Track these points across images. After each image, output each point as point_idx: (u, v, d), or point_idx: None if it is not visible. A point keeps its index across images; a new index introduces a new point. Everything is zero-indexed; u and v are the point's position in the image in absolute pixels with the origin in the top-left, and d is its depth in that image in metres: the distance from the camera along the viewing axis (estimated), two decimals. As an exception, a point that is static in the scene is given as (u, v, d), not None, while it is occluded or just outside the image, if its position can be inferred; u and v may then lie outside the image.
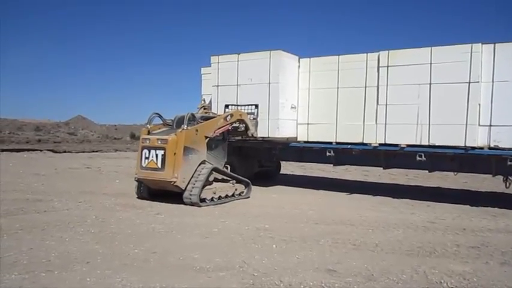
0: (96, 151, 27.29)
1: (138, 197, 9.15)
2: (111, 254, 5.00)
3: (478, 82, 8.94)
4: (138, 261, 4.77)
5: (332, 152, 10.76)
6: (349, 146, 10.52)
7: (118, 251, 5.12)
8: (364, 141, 10.29)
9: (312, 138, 11.18)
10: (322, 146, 10.92)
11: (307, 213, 8.02)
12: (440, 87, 9.35)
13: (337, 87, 10.75)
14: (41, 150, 26.31)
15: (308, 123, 11.23)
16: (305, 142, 11.31)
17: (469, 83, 9.00)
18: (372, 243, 5.84)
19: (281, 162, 14.43)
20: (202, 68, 13.64)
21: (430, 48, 9.50)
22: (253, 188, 10.10)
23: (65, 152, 26.38)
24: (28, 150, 26.25)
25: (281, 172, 14.82)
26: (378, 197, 10.43)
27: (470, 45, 9.04)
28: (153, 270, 4.49)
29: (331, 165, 11.95)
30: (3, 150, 24.81)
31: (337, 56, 10.84)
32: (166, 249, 5.24)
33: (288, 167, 16.99)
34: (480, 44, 9.02)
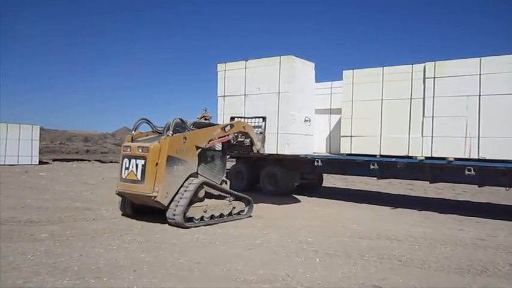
0: (141, 161, 27.96)
1: (122, 214, 8.21)
2: (157, 262, 5.11)
3: (531, 93, 8.58)
4: (183, 270, 4.84)
5: (376, 165, 10.53)
6: (393, 159, 10.30)
7: (163, 260, 5.22)
8: (410, 154, 10.04)
9: (355, 150, 10.99)
10: (366, 158, 10.74)
11: (351, 227, 7.90)
12: (490, 99, 9.02)
13: (382, 99, 10.57)
14: (89, 161, 27.39)
15: (351, 136, 11.05)
16: (348, 155, 11.15)
17: (521, 94, 8.65)
18: (419, 259, 5.67)
19: (323, 174, 14.29)
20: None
21: (479, 58, 9.21)
22: (296, 200, 9.90)
23: (111, 162, 27.28)
24: (77, 160, 27.40)
25: (323, 185, 14.67)
26: (423, 211, 10.13)
27: (521, 54, 8.72)
28: (198, 280, 4.54)
29: (375, 178, 11.74)
30: (54, 160, 26.06)
31: (382, 68, 10.68)
32: (210, 260, 5.29)
33: (330, 180, 16.80)
34: (533, 53, 8.68)
